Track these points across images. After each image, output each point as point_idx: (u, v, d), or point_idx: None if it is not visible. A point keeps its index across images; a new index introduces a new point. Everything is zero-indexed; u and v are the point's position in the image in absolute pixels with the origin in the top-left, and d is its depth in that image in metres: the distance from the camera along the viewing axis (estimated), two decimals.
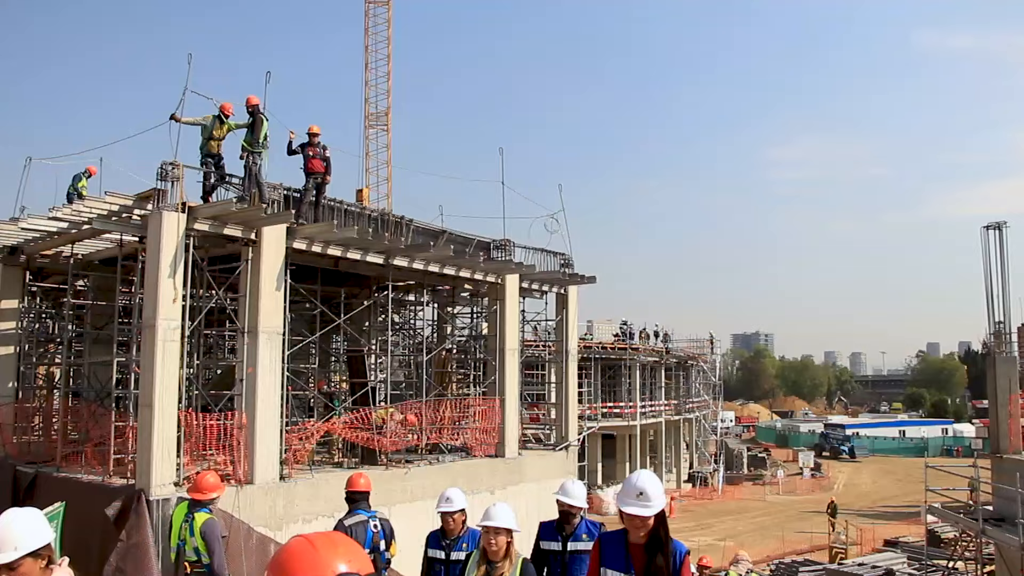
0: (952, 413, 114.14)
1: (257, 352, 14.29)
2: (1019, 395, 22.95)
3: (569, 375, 23.28)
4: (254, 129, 15.11)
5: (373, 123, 52.47)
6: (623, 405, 51.15)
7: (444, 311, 23.26)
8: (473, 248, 20.85)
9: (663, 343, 57.19)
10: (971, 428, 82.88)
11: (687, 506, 50.19)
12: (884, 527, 40.41)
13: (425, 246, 18.32)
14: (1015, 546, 17.23)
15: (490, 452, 19.74)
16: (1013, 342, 31.81)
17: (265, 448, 14.28)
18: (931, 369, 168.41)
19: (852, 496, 56.39)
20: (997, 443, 21.64)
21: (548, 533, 7.45)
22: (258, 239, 14.62)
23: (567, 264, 23.02)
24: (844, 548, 33.41)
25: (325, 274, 18.11)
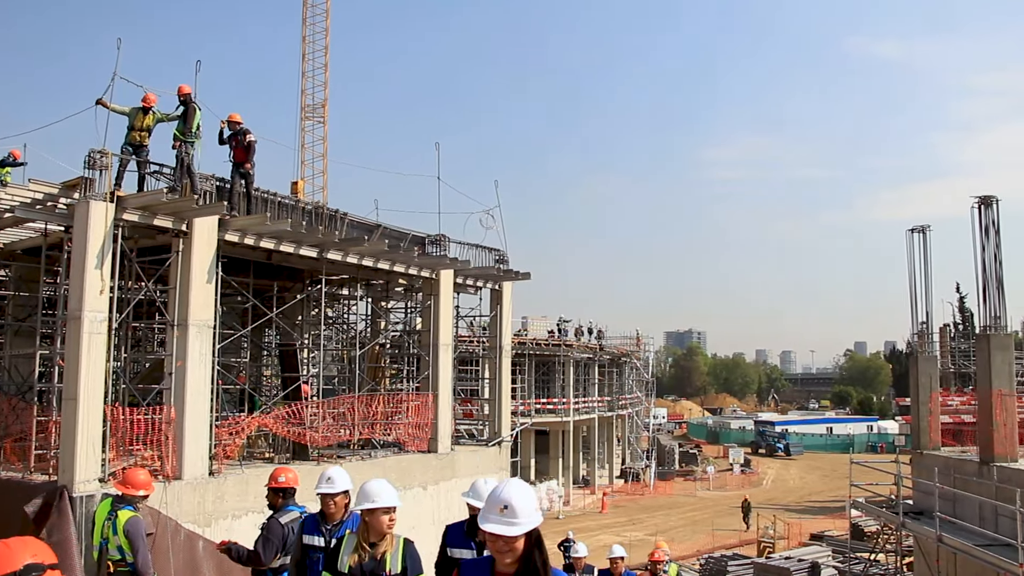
0: (877, 410, 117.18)
1: (187, 345, 14.07)
2: (939, 393, 23.66)
3: (503, 371, 23.33)
4: (186, 118, 14.84)
5: (309, 115, 51.98)
6: (557, 401, 51.41)
7: (378, 306, 23.12)
8: (408, 243, 20.77)
9: (597, 340, 57.61)
10: (895, 425, 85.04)
11: (619, 502, 50.73)
12: (811, 521, 41.34)
13: (359, 240, 18.19)
14: (932, 538, 17.77)
15: (423, 447, 19.70)
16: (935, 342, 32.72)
17: (194, 443, 14.06)
18: (858, 368, 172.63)
19: (780, 492, 57.55)
20: (918, 439, 22.30)
21: (457, 538, 6.47)
22: (189, 230, 14.37)
23: (502, 260, 23.06)
24: (772, 542, 34.08)
25: (258, 267, 17.90)
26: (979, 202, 19.24)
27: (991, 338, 18.76)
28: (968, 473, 18.88)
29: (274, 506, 7.95)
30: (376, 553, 5.58)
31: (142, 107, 14.54)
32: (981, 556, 15.90)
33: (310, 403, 17.56)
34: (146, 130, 14.58)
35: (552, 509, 46.36)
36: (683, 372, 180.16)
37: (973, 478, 18.46)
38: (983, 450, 18.68)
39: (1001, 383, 18.45)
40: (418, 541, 6.06)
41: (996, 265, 18.91)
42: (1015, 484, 15.91)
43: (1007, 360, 18.82)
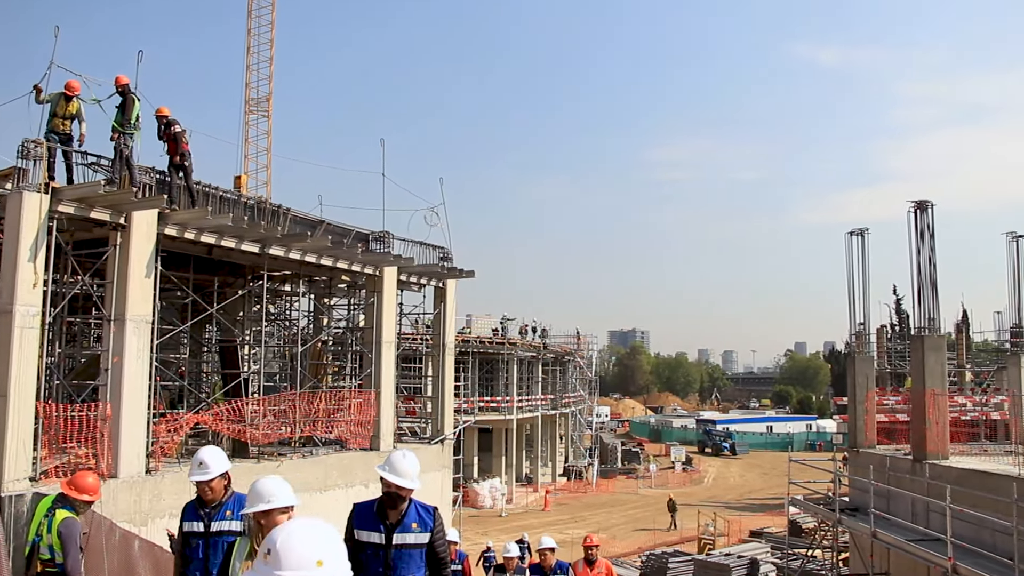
0: (816, 409, 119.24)
1: (124, 341, 13.80)
2: (875, 392, 24.13)
3: (446, 369, 23.29)
4: (124, 110, 14.56)
5: (254, 108, 51.26)
6: (500, 399, 51.43)
7: (321, 302, 22.93)
8: (351, 239, 20.63)
9: (541, 339, 57.76)
10: (833, 424, 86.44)
11: (562, 500, 50.89)
12: (750, 518, 41.87)
13: (302, 236, 18.02)
14: (867, 534, 18.12)
15: (365, 445, 19.58)
16: (872, 343, 33.37)
17: (130, 440, 13.80)
18: (798, 367, 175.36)
19: (721, 489, 58.25)
20: (855, 438, 22.72)
21: (367, 520, 5.89)
22: (127, 224, 14.10)
23: (446, 258, 23.02)
24: (712, 539, 34.46)
25: (198, 262, 17.63)
26: (915, 206, 19.64)
27: (925, 339, 19.17)
28: (902, 470, 19.29)
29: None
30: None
31: (64, 94, 14.14)
32: (912, 551, 16.24)
33: (250, 400, 17.36)
34: (69, 118, 14.19)
35: (495, 507, 46.40)
36: (626, 371, 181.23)
37: (907, 475, 18.86)
38: (916, 448, 19.09)
39: (934, 383, 18.86)
40: None
41: (930, 268, 19.32)
42: (946, 481, 16.28)
43: (940, 361, 19.24)
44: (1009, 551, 12.92)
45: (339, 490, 17.66)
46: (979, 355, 47.98)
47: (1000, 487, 14.82)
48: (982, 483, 16.08)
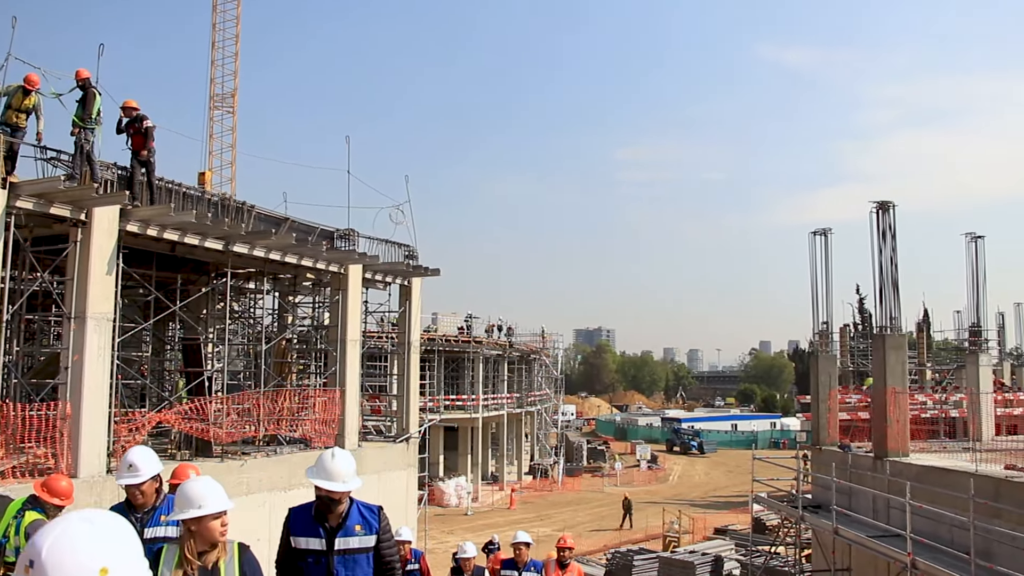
0: (780, 408, 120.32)
1: (84, 339, 13.62)
2: (838, 391, 24.39)
3: (411, 367, 23.23)
4: (85, 104, 14.36)
5: (219, 104, 50.83)
6: (466, 398, 51.40)
7: (285, 300, 22.78)
8: (316, 237, 20.52)
9: (507, 337, 57.77)
10: (796, 422, 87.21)
11: (527, 498, 50.96)
12: (715, 516, 42.17)
13: (267, 233, 17.90)
14: (829, 531, 18.31)
15: (329, 444, 19.45)
16: (835, 341, 33.76)
17: (91, 440, 13.63)
18: (762, 366, 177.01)
19: (686, 487, 58.63)
20: (817, 435, 22.94)
21: (304, 525, 5.51)
22: (88, 220, 13.91)
23: (411, 256, 22.97)
24: (677, 537, 34.65)
25: (161, 259, 17.45)
26: (877, 207, 19.87)
27: (886, 338, 19.41)
28: (863, 468, 19.51)
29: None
30: (207, 563, 4.54)
31: (22, 87, 13.92)
32: (873, 547, 16.45)
33: (214, 399, 17.21)
34: (24, 112, 13.95)
35: (461, 506, 46.37)
36: (592, 369, 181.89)
37: (868, 472, 19.09)
38: (877, 445, 19.32)
39: (895, 381, 19.10)
40: None
41: (892, 268, 19.56)
42: (906, 478, 16.51)
43: (901, 359, 19.49)
44: (966, 546, 13.11)
45: (304, 489, 17.47)
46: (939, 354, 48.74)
47: (958, 483, 15.03)
48: (941, 480, 16.31)
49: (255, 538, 7.58)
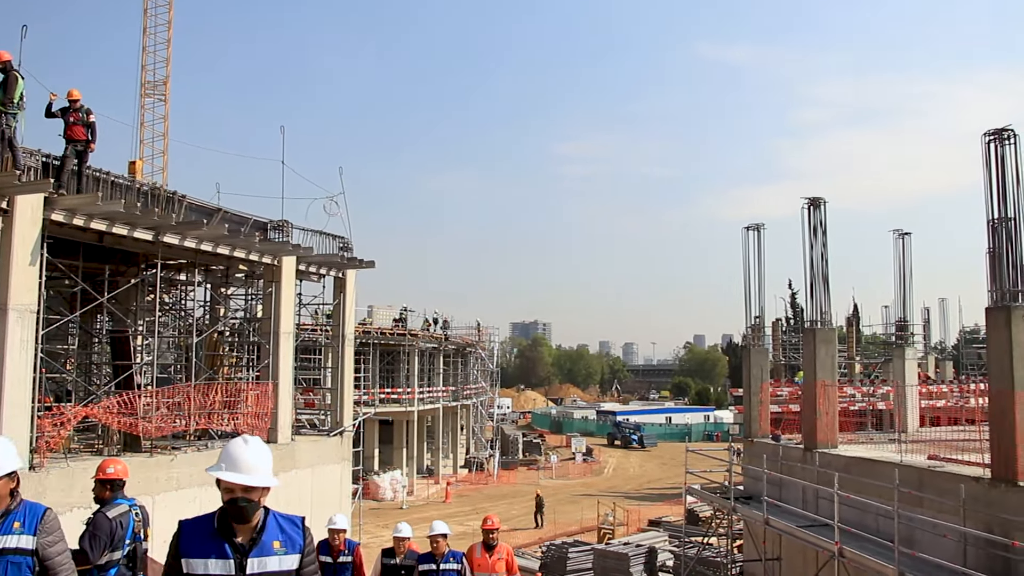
0: (714, 401, 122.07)
1: (6, 331, 13.23)
2: (769, 384, 24.79)
3: (345, 360, 23.04)
4: (6, 87, 13.93)
5: (150, 92, 49.80)
6: (401, 391, 51.19)
7: (217, 292, 22.41)
8: (249, 228, 20.22)
9: (442, 330, 57.65)
10: (729, 415, 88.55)
11: (463, 491, 50.93)
12: (649, 508, 42.62)
13: (198, 223, 17.57)
14: (760, 521, 18.61)
15: (262, 438, 19.20)
16: (767, 335, 34.29)
17: (12, 435, 13.22)
18: (697, 360, 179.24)
19: (621, 480, 59.14)
20: (749, 428, 23.30)
21: (202, 542, 4.10)
22: (11, 208, 13.51)
23: (346, 248, 22.76)
24: (612, 529, 34.93)
25: (88, 249, 17.01)
26: (808, 203, 20.19)
27: (816, 332, 19.76)
28: (793, 459, 19.87)
29: (102, 499, 7.49)
30: None
31: None
32: (802, 536, 16.77)
33: (143, 392, 16.85)
34: None
35: (396, 499, 46.21)
36: (528, 363, 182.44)
37: (798, 464, 19.44)
38: (807, 437, 19.68)
39: (825, 374, 19.47)
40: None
41: (822, 264, 19.91)
42: (834, 468, 16.85)
43: (830, 353, 19.87)
44: (891, 534, 13.43)
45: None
46: (868, 348, 49.87)
47: (883, 474, 15.39)
48: (867, 470, 16.69)
49: None
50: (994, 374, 13.64)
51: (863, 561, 14.38)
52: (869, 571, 14.40)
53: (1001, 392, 13.21)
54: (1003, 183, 13.69)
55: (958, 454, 15.98)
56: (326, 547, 10.97)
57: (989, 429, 13.75)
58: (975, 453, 15.15)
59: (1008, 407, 12.94)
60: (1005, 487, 12.95)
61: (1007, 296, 13.46)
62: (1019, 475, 12.74)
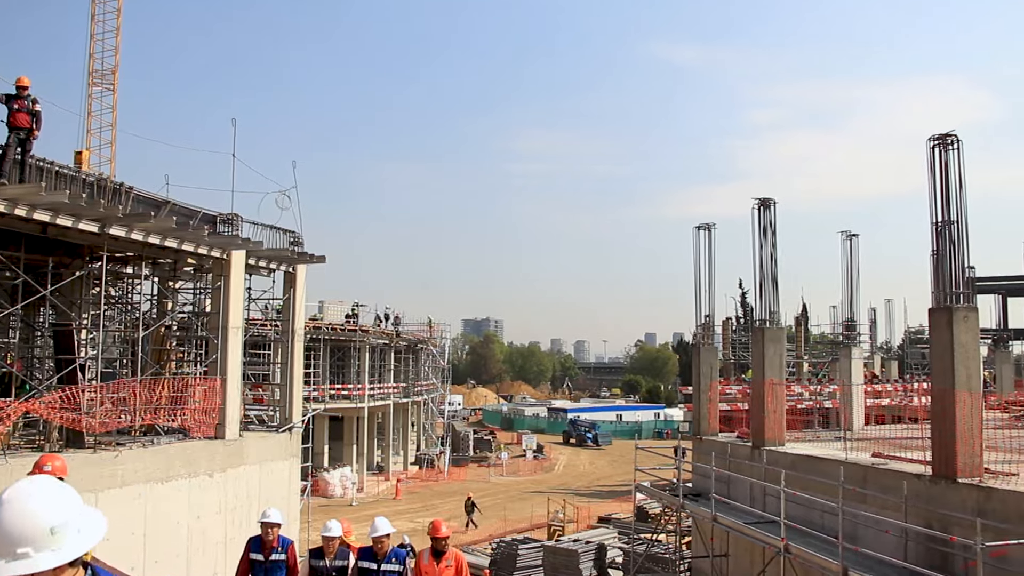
0: (664, 398, 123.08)
1: None
2: (719, 382, 25.03)
3: (295, 356, 22.81)
4: None
5: (98, 81, 48.94)
6: (352, 387, 50.90)
7: (165, 286, 22.05)
8: (198, 221, 19.92)
9: (394, 326, 57.43)
10: (679, 412, 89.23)
11: (413, 488, 50.83)
12: (599, 505, 42.87)
13: (146, 216, 17.25)
14: (708, 518, 18.79)
15: (209, 434, 18.95)
16: (717, 334, 34.64)
17: None
18: (647, 358, 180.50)
19: (571, 477, 59.42)
20: (699, 426, 23.51)
21: None
22: None
23: (297, 242, 22.52)
24: (562, 525, 35.07)
25: (31, 240, 16.64)
26: (759, 204, 20.41)
27: (765, 331, 19.99)
28: (741, 457, 20.09)
29: None
30: None
31: None
32: (749, 533, 16.97)
33: (87, 387, 16.54)
34: None
35: (346, 496, 45.97)
36: (480, 359, 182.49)
37: (746, 461, 19.66)
38: (755, 435, 19.91)
39: (773, 373, 19.71)
40: (204, 532, 5.54)
41: (772, 263, 20.14)
42: (781, 466, 17.08)
43: (779, 352, 20.12)
44: (835, 530, 13.64)
45: (182, 480, 17.06)
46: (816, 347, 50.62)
47: (829, 471, 15.63)
48: (813, 467, 16.93)
49: (129, 532, 7.29)
50: (936, 373, 13.90)
51: (808, 557, 14.60)
52: (814, 567, 14.63)
53: (943, 391, 13.47)
54: (947, 187, 13.95)
55: (901, 452, 16.26)
56: (258, 544, 10.56)
57: (931, 427, 14.01)
58: (917, 451, 15.44)
59: (949, 406, 13.20)
60: (945, 484, 13.22)
61: (950, 298, 13.73)
62: (958, 472, 13.01)
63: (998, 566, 11.25)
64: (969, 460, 13.08)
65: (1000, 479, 13.08)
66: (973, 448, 13.13)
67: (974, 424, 13.18)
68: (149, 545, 15.58)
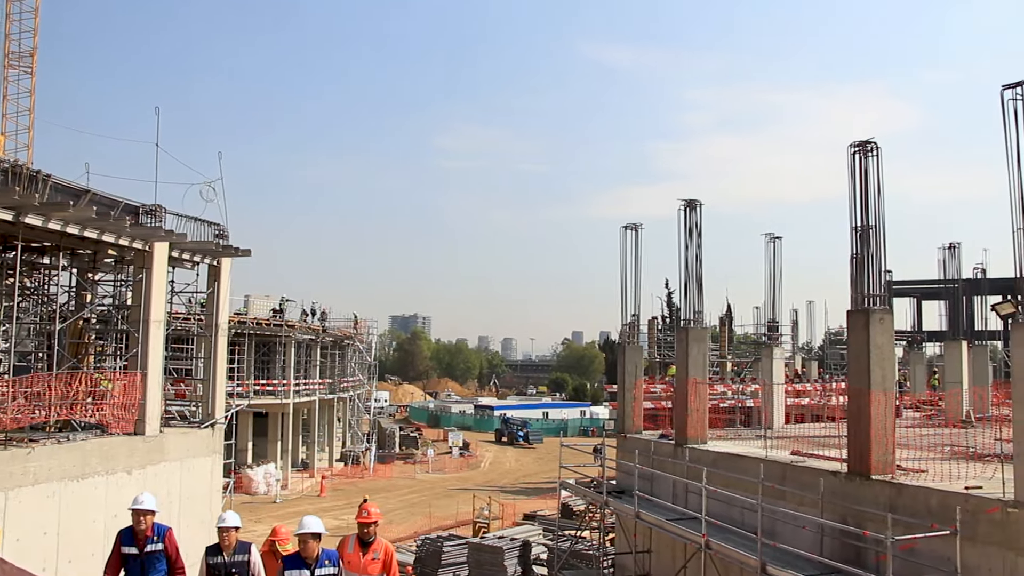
0: (590, 396, 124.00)
1: None
2: (644, 380, 25.30)
3: (218, 350, 22.45)
4: None
5: (14, 63, 47.49)
6: (277, 383, 50.26)
7: (84, 277, 21.50)
8: (120, 211, 19.43)
9: (320, 322, 56.88)
10: (605, 410, 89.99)
11: (338, 485, 50.39)
12: (525, 502, 43.00)
13: (64, 205, 16.78)
14: (631, 515, 19.00)
15: (129, 430, 18.53)
16: (643, 333, 35.01)
17: None
18: (574, 356, 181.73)
19: (497, 474, 59.54)
20: (623, 423, 23.73)
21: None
22: None
23: (222, 235, 22.14)
24: (487, 522, 35.13)
25: None
26: (685, 205, 20.66)
27: (689, 331, 20.27)
28: (665, 454, 20.35)
29: None
30: None
31: None
32: (671, 529, 17.20)
33: None
34: None
35: (270, 493, 45.39)
36: (407, 356, 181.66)
37: (669, 459, 19.92)
38: (678, 433, 20.18)
39: (696, 372, 20.00)
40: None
41: (696, 264, 20.41)
42: (703, 463, 17.34)
43: (702, 351, 20.42)
44: (755, 526, 13.90)
45: (99, 477, 16.65)
46: (739, 347, 51.58)
47: (749, 468, 15.92)
48: (734, 465, 17.23)
49: (41, 531, 7.08)
50: (853, 373, 14.28)
51: (728, 552, 14.86)
52: (733, 562, 14.91)
53: (858, 391, 13.83)
54: (866, 193, 14.30)
55: (819, 450, 16.66)
56: (130, 536, 9.44)
57: (847, 426, 14.38)
58: (834, 449, 15.86)
59: (864, 405, 13.57)
60: (860, 480, 13.58)
61: (867, 300, 14.10)
62: (872, 469, 13.38)
63: (907, 559, 11.60)
64: (882, 458, 13.46)
65: (911, 476, 13.49)
66: (886, 446, 13.52)
67: (888, 423, 13.57)
68: (63, 545, 15.17)
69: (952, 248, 29.80)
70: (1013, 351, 11.43)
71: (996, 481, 11.76)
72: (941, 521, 11.44)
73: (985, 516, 11.23)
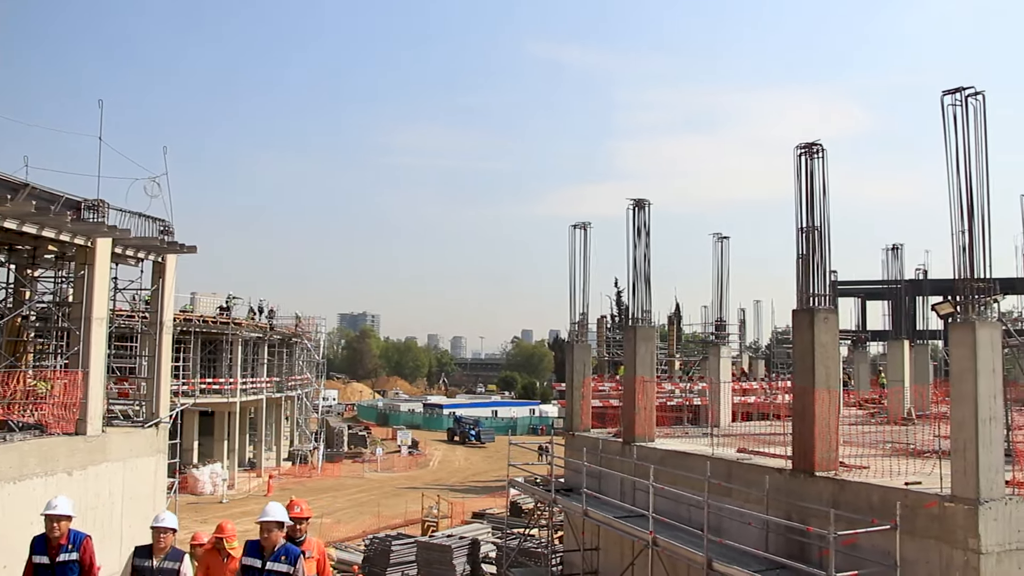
0: (539, 395, 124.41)
1: None
2: (592, 379, 25.41)
3: (162, 348, 22.09)
4: None
5: None
6: (223, 381, 49.65)
7: (23, 274, 21.02)
8: (61, 206, 19.01)
9: (268, 319, 56.31)
10: (554, 409, 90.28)
11: (285, 484, 49.94)
12: (473, 500, 43.02)
13: (2, 199, 16.41)
14: (579, 512, 19.08)
15: (69, 429, 18.14)
16: (592, 331, 35.13)
17: None
18: (524, 354, 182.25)
19: (446, 472, 59.46)
20: (572, 422, 23.81)
21: None
22: None
23: (167, 231, 21.78)
24: (436, 521, 35.07)
25: None
26: (633, 205, 20.78)
27: (637, 330, 20.39)
28: (612, 452, 20.46)
29: None
30: None
31: None
32: (619, 527, 17.30)
33: None
34: None
35: (216, 493, 44.87)
36: (356, 354, 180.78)
37: (617, 457, 20.03)
38: (626, 431, 20.29)
39: (644, 371, 20.13)
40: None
41: (645, 263, 20.53)
42: (651, 461, 17.46)
43: (650, 350, 20.56)
44: (701, 523, 14.04)
45: (37, 479, 16.27)
46: (688, 346, 52.00)
47: (696, 466, 16.06)
48: (681, 463, 17.38)
49: None
50: (798, 372, 14.48)
51: (675, 549, 15.00)
52: (680, 558, 15.05)
53: (803, 389, 14.02)
54: (811, 194, 14.50)
55: (765, 447, 16.87)
56: (42, 544, 8.85)
57: (792, 424, 14.57)
58: (780, 446, 16.06)
59: (808, 403, 13.76)
60: (804, 477, 13.78)
61: (812, 300, 14.30)
62: (816, 466, 13.58)
63: (849, 553, 11.78)
64: (826, 455, 13.66)
65: (853, 472, 13.73)
66: (830, 443, 13.73)
67: (831, 421, 13.78)
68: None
69: (895, 249, 30.38)
70: (952, 350, 11.67)
71: (935, 476, 12.02)
72: (883, 516, 11.66)
73: (924, 511, 11.46)
